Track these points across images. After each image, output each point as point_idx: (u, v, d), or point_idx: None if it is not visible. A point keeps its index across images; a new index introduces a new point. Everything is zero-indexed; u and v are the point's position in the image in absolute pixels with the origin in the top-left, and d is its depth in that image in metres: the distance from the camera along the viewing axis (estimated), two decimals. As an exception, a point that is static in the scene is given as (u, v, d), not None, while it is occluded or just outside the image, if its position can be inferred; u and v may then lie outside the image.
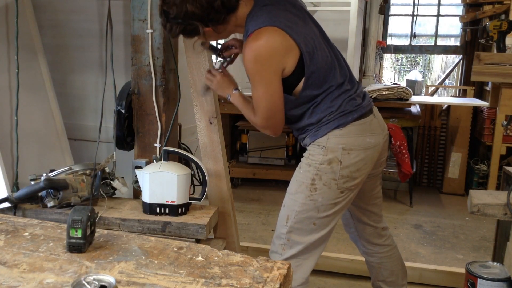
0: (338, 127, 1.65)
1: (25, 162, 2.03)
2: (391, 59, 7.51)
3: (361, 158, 1.67)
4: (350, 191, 1.71)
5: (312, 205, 1.68)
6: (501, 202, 1.71)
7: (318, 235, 1.72)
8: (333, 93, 1.66)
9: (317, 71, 1.62)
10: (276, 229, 1.78)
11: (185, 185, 1.82)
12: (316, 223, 1.70)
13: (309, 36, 1.64)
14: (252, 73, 1.59)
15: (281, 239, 1.73)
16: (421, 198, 4.27)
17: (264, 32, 1.56)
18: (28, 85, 2.14)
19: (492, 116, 4.06)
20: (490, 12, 4.45)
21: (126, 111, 2.00)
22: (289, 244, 1.72)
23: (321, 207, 1.68)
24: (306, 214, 1.69)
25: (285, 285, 1.09)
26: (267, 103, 1.62)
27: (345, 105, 1.67)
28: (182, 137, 2.20)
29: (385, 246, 2.02)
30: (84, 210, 1.21)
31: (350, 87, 1.71)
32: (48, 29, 2.44)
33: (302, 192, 1.69)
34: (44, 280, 1.05)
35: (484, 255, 3.08)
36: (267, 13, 1.60)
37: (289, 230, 1.71)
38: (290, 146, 4.39)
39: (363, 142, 1.68)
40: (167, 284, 1.04)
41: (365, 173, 1.72)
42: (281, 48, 1.57)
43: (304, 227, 1.71)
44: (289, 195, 1.75)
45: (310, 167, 1.68)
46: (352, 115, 1.67)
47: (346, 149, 1.65)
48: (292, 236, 1.71)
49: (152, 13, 1.91)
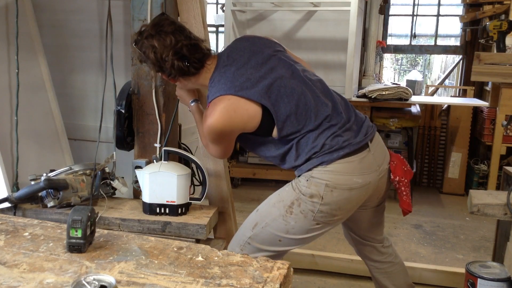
0: (322, 163, 1.59)
1: (25, 162, 2.03)
2: (391, 59, 7.50)
3: (344, 197, 1.61)
4: (328, 224, 1.67)
5: (283, 225, 1.65)
6: (501, 202, 1.71)
7: (280, 249, 1.70)
8: (312, 133, 1.61)
9: (289, 116, 1.59)
10: (240, 228, 1.76)
11: (185, 185, 1.82)
12: (282, 240, 1.67)
13: (274, 85, 1.60)
14: (209, 137, 1.62)
15: (242, 240, 1.71)
16: (421, 198, 4.26)
17: (219, 104, 1.56)
18: (28, 85, 2.14)
19: (492, 116, 4.06)
20: (490, 12, 4.45)
21: (126, 111, 2.00)
22: (249, 247, 1.70)
23: (291, 230, 1.65)
24: (274, 230, 1.66)
25: (285, 285, 1.09)
26: (218, 154, 1.72)
27: (329, 143, 1.59)
28: (182, 137, 2.20)
29: (385, 263, 1.96)
30: (84, 210, 1.21)
31: (335, 122, 1.63)
32: (48, 29, 2.44)
33: (278, 209, 1.66)
34: (44, 280, 1.05)
35: (484, 255, 3.08)
36: (224, 78, 1.60)
37: (253, 236, 1.69)
38: (290, 146, 4.38)
39: (349, 182, 1.60)
40: (167, 284, 1.04)
41: (348, 210, 1.68)
42: (237, 117, 1.57)
43: (269, 239, 1.68)
44: (267, 204, 1.72)
45: (294, 191, 1.64)
46: (338, 153, 1.59)
47: (330, 186, 1.59)
48: (253, 242, 1.69)
49: (152, 13, 1.91)
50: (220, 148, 1.67)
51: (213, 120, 1.55)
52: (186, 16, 1.94)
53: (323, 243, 3.14)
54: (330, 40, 4.35)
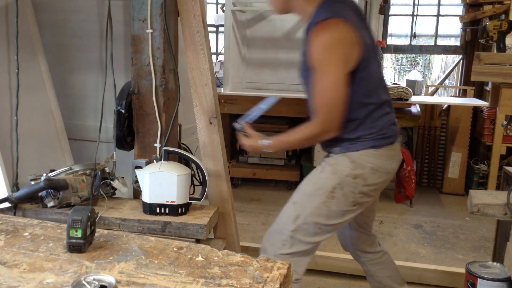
0: (373, 147, 1.68)
1: (25, 162, 2.03)
2: (391, 59, 7.50)
3: (382, 180, 1.73)
4: (361, 206, 1.75)
5: (325, 212, 1.70)
6: (501, 202, 1.71)
7: (320, 238, 1.75)
8: (376, 112, 1.68)
9: (366, 80, 1.64)
10: (278, 223, 1.78)
11: (185, 185, 1.82)
12: (322, 228, 1.72)
13: (367, 43, 1.66)
14: (319, 62, 1.57)
15: (284, 235, 1.73)
16: (421, 198, 4.26)
17: (334, 22, 1.57)
18: (28, 85, 2.14)
19: (492, 116, 4.06)
20: (490, 12, 4.45)
21: (126, 111, 2.00)
22: (291, 241, 1.73)
23: (332, 215, 1.71)
24: (316, 218, 1.71)
25: (285, 285, 1.09)
26: (331, 95, 1.58)
27: (385, 129, 1.70)
28: (182, 137, 2.20)
29: (378, 252, 2.07)
30: (84, 210, 1.21)
31: (389, 111, 1.75)
32: (48, 29, 2.44)
33: (318, 197, 1.70)
34: (44, 280, 1.05)
35: (484, 255, 3.08)
36: (338, 8, 1.63)
37: (296, 229, 1.72)
38: (290, 146, 4.38)
39: (389, 167, 1.73)
40: (167, 284, 1.04)
41: (379, 193, 1.82)
42: (349, 40, 1.58)
43: (311, 229, 1.72)
44: (304, 195, 1.75)
45: (334, 175, 1.69)
46: (388, 140, 1.71)
47: (374, 169, 1.69)
48: (297, 235, 1.72)
49: (152, 13, 1.91)
50: (329, 78, 1.57)
51: (329, 31, 1.55)
52: (186, 16, 1.94)
53: (323, 243, 3.13)
54: (330, 40, 4.34)
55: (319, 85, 1.60)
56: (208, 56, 1.95)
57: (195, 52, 1.94)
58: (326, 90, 1.58)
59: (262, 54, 4.63)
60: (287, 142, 1.73)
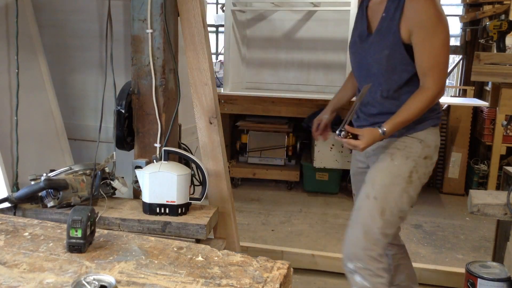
0: (435, 125, 1.70)
1: (25, 162, 2.03)
2: (391, 59, 7.50)
3: (437, 158, 1.74)
4: (422, 186, 1.73)
5: (408, 199, 1.67)
6: (501, 202, 1.71)
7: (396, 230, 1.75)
8: None
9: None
10: (363, 224, 1.66)
11: (185, 185, 1.82)
12: (402, 217, 1.69)
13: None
14: (432, 21, 1.54)
15: (375, 234, 1.64)
16: (421, 198, 4.20)
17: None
18: (28, 85, 2.14)
19: (492, 116, 4.06)
20: (490, 12, 4.45)
21: (126, 111, 2.00)
22: (382, 239, 1.64)
23: (411, 200, 1.68)
24: (401, 207, 1.66)
25: (285, 285, 1.09)
26: (445, 54, 1.57)
27: (439, 108, 1.73)
28: (182, 137, 2.20)
29: (401, 246, 2.04)
30: (84, 210, 1.21)
31: None
32: (48, 29, 2.44)
33: (398, 185, 1.65)
34: (44, 280, 1.05)
35: (484, 255, 3.08)
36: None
37: (385, 224, 1.64)
38: (290, 146, 4.38)
39: (439, 144, 1.75)
40: (167, 284, 1.04)
41: None
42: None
43: (396, 221, 1.68)
44: (383, 187, 1.66)
45: (408, 159, 1.65)
46: (441, 118, 1.74)
47: (437, 147, 1.71)
48: (387, 230, 1.65)
49: (152, 13, 1.91)
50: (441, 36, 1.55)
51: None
52: (186, 16, 1.94)
53: (323, 243, 3.14)
54: (330, 40, 4.35)
55: (434, 51, 1.55)
56: (208, 56, 1.96)
57: (195, 52, 1.94)
58: (440, 49, 1.55)
59: (262, 54, 4.64)
60: (402, 122, 1.59)
